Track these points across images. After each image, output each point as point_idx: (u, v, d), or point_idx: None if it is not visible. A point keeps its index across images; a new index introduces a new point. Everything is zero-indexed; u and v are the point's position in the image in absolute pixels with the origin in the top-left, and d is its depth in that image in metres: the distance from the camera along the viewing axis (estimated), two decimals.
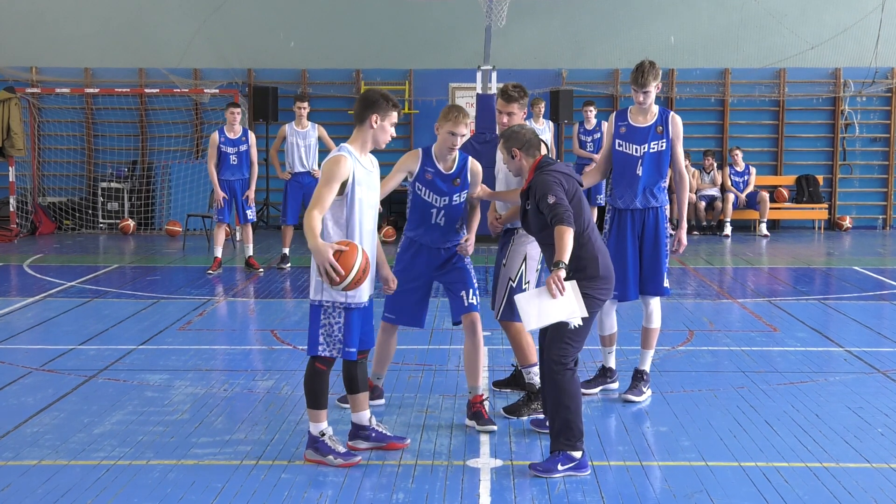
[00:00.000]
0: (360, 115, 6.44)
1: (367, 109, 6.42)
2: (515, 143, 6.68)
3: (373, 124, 6.42)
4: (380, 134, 6.46)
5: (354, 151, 6.41)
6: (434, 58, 21.38)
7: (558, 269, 6.24)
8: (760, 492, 5.99)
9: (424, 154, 7.30)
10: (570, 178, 6.57)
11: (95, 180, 21.20)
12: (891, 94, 21.61)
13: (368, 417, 6.75)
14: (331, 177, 6.26)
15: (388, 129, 6.48)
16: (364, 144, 6.47)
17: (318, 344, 6.40)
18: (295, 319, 11.38)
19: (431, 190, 7.26)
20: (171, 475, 6.23)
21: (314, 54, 21.57)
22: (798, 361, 9.32)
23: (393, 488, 6.05)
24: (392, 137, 6.56)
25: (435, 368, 8.98)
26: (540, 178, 6.49)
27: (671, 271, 8.15)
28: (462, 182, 7.29)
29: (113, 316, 11.38)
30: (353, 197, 6.32)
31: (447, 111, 7.20)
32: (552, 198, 6.34)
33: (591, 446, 6.77)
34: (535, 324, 6.36)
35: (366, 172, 6.43)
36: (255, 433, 7.08)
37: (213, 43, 21.46)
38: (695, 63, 21.49)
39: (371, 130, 6.44)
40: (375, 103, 6.42)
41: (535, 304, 6.33)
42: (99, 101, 21.42)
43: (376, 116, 6.41)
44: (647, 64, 7.86)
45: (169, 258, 16.86)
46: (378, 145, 6.49)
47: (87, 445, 6.79)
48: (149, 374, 8.79)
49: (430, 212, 7.30)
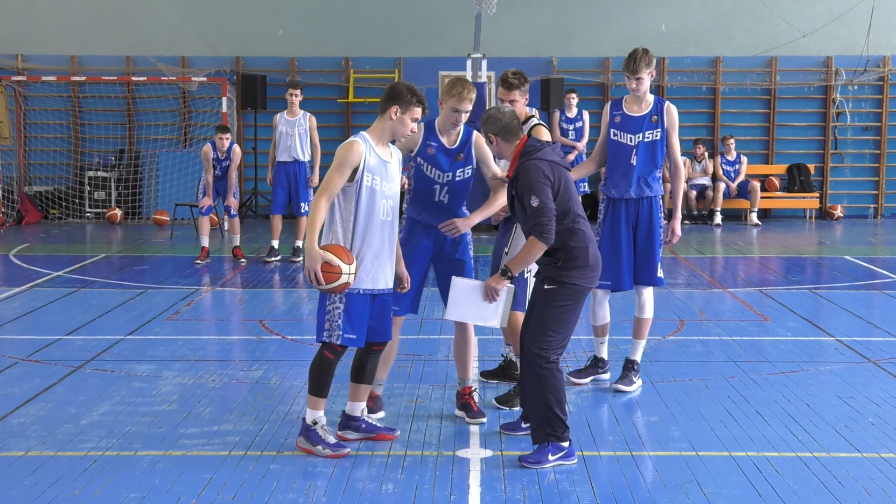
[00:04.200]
0: (383, 105, 6.46)
1: (390, 101, 6.43)
2: (491, 127, 6.53)
3: (392, 116, 6.43)
4: (399, 127, 6.45)
5: (370, 139, 6.42)
6: (424, 46, 21.35)
7: (503, 277, 6.43)
8: (751, 481, 6.01)
9: (427, 128, 7.09)
10: (556, 166, 6.38)
11: (82, 169, 21.13)
12: (882, 82, 21.65)
13: (361, 409, 6.75)
14: (342, 162, 6.28)
15: (409, 123, 6.47)
16: (382, 134, 6.47)
17: (323, 329, 6.42)
18: (283, 309, 11.37)
19: (433, 165, 7.04)
20: (159, 466, 6.22)
21: (303, 42, 21.51)
22: (789, 351, 9.34)
23: (382, 479, 6.05)
24: (413, 133, 6.54)
25: (425, 358, 8.98)
26: (524, 171, 6.33)
27: (663, 261, 8.15)
28: (466, 157, 7.06)
29: (100, 306, 11.35)
30: (363, 185, 6.32)
31: (451, 85, 6.97)
32: (536, 200, 6.24)
33: (581, 436, 6.78)
34: (457, 316, 6.68)
35: (380, 162, 6.41)
36: (243, 424, 7.07)
37: (201, 30, 21.40)
38: (686, 51, 21.50)
39: (391, 122, 6.44)
40: (399, 96, 6.42)
41: (467, 297, 6.57)
42: (86, 88, 21.34)
43: (397, 109, 6.41)
44: (640, 51, 7.86)
45: (156, 248, 16.83)
46: (397, 138, 6.51)
47: (74, 436, 6.78)
48: (136, 364, 8.77)
49: (433, 188, 7.08)
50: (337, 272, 6.23)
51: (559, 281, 6.35)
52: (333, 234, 6.41)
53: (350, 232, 6.37)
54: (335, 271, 6.23)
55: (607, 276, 7.80)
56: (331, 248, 6.28)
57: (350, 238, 6.37)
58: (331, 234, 6.41)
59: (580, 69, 21.52)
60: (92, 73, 21.10)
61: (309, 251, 6.23)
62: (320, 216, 6.27)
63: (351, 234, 6.37)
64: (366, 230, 6.38)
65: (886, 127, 21.73)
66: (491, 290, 6.50)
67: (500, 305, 6.55)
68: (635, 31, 20.64)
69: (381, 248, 6.43)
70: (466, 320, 6.79)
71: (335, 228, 6.40)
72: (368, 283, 6.42)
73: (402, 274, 6.78)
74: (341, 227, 6.39)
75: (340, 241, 6.37)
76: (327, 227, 6.41)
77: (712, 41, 21.54)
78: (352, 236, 6.37)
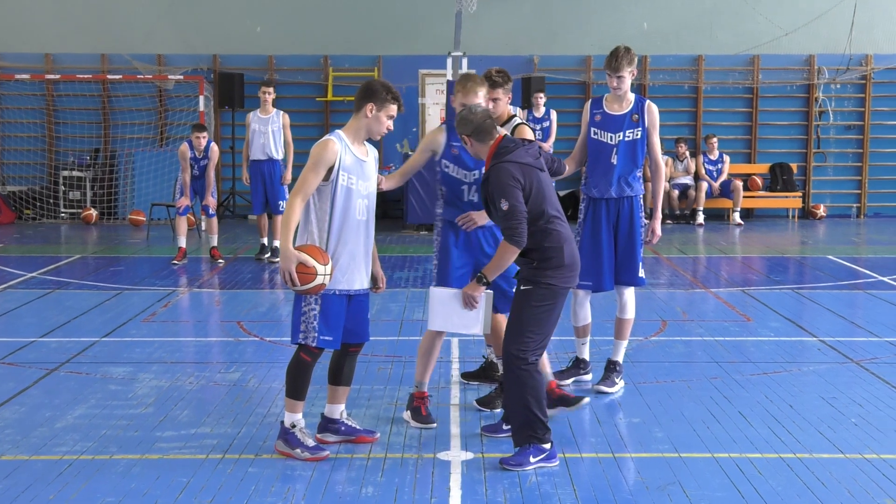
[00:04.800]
0: (358, 102, 6.47)
1: (365, 98, 6.43)
2: (464, 128, 6.53)
3: (368, 113, 6.42)
4: (374, 124, 6.45)
5: (346, 138, 6.42)
6: (403, 44, 21.34)
7: (479, 283, 6.46)
8: (734, 483, 6.03)
9: (449, 129, 7.17)
10: (527, 167, 6.35)
11: (57, 168, 21.03)
12: (865, 81, 21.77)
13: (341, 411, 6.75)
14: (317, 160, 6.27)
15: (385, 120, 6.47)
16: (357, 132, 6.47)
17: (299, 331, 6.41)
18: (262, 310, 11.35)
19: (458, 165, 7.11)
20: (136, 470, 6.20)
21: (281, 40, 21.47)
22: (772, 351, 9.38)
23: (362, 482, 6.04)
24: (388, 130, 6.55)
25: (405, 360, 8.97)
26: (495, 174, 6.32)
27: (644, 261, 8.18)
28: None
29: (75, 307, 11.31)
30: (338, 183, 6.32)
31: (459, 81, 7.15)
32: (505, 203, 6.23)
33: (562, 438, 6.79)
34: (440, 325, 6.78)
35: (356, 161, 6.42)
36: (221, 427, 7.06)
37: (178, 28, 21.34)
38: (668, 49, 21.58)
39: (366, 120, 6.44)
40: (374, 93, 6.42)
41: (447, 306, 6.64)
42: (60, 87, 21.24)
43: (372, 106, 6.41)
44: (622, 49, 7.88)
45: (132, 248, 16.77)
46: (373, 136, 6.50)
47: (48, 440, 6.75)
48: (112, 366, 8.74)
49: (461, 188, 7.16)
50: (312, 273, 6.22)
51: (535, 281, 6.36)
52: (309, 234, 6.40)
53: (325, 232, 6.37)
54: (310, 272, 6.21)
55: (588, 276, 7.82)
56: (306, 248, 6.27)
57: (325, 238, 6.36)
58: (306, 235, 6.40)
59: (562, 67, 21.55)
60: (66, 71, 21.02)
61: (283, 252, 6.21)
62: (295, 216, 6.26)
63: (326, 234, 6.36)
64: (341, 230, 6.37)
65: (869, 126, 21.86)
66: (469, 297, 6.52)
67: (481, 312, 6.58)
68: (617, 30, 20.72)
69: (356, 248, 6.43)
70: (450, 329, 6.81)
71: (310, 228, 6.39)
72: (344, 283, 6.42)
73: (378, 274, 6.78)
74: (317, 227, 6.39)
75: (316, 242, 6.36)
76: (302, 227, 6.40)
77: (694, 39, 21.62)
78: (327, 236, 6.36)
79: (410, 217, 18.44)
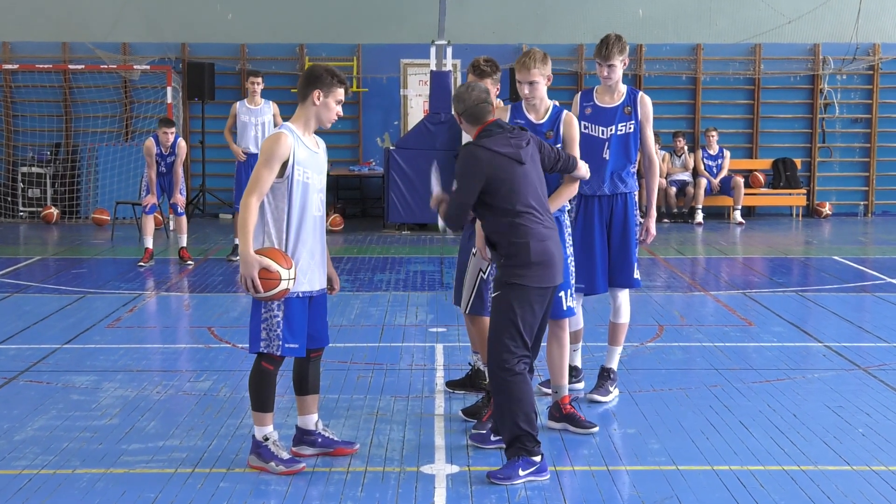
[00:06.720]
0: (303, 91, 6.45)
1: (310, 85, 6.42)
2: (457, 106, 6.61)
3: (315, 101, 6.42)
4: (324, 112, 6.45)
5: (297, 130, 6.41)
6: (384, 32, 21.34)
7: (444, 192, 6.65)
8: (734, 497, 6.05)
9: (514, 107, 7.39)
10: (499, 156, 6.36)
11: (15, 165, 20.97)
12: (872, 71, 21.86)
13: (315, 421, 6.74)
14: (270, 156, 6.26)
15: (333, 106, 6.47)
16: (307, 123, 6.47)
17: (260, 340, 6.39)
18: (234, 315, 11.33)
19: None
20: (100, 485, 6.19)
21: (254, 27, 21.46)
22: (774, 358, 9.41)
23: (341, 497, 6.05)
24: (338, 116, 6.55)
25: (386, 368, 8.98)
26: (462, 154, 6.49)
27: (640, 261, 8.20)
28: (555, 135, 7.29)
29: (35, 312, 11.28)
30: (294, 179, 6.32)
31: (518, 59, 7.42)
32: (455, 185, 6.39)
33: (554, 450, 6.81)
34: None
35: (309, 153, 6.42)
36: (190, 439, 7.05)
37: (144, 15, 21.30)
38: (665, 38, 21.62)
39: (314, 108, 6.43)
40: (319, 78, 6.42)
41: None
42: (18, 77, 21.19)
43: (319, 93, 6.41)
44: (613, 37, 7.90)
45: (96, 249, 16.73)
46: (323, 124, 6.49)
47: (7, 453, 6.73)
48: (75, 375, 8.72)
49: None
50: (276, 278, 6.20)
51: (505, 283, 6.39)
52: (266, 235, 6.37)
53: (284, 231, 6.35)
54: (273, 277, 6.19)
55: (580, 278, 7.82)
56: (267, 251, 6.25)
57: (284, 238, 6.35)
58: (263, 236, 6.37)
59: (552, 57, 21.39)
60: (25, 60, 20.96)
61: (244, 256, 6.17)
62: (252, 217, 6.23)
63: (285, 234, 6.35)
64: (300, 228, 6.37)
65: (877, 119, 21.95)
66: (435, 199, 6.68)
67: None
68: (611, 17, 20.76)
69: (315, 246, 6.44)
70: None
71: (267, 230, 6.37)
72: (306, 284, 6.42)
73: (332, 274, 6.79)
74: (274, 227, 6.36)
75: (274, 242, 6.35)
76: (258, 229, 6.36)
77: (692, 27, 21.67)
78: (286, 235, 6.35)
79: (392, 216, 18.41)
